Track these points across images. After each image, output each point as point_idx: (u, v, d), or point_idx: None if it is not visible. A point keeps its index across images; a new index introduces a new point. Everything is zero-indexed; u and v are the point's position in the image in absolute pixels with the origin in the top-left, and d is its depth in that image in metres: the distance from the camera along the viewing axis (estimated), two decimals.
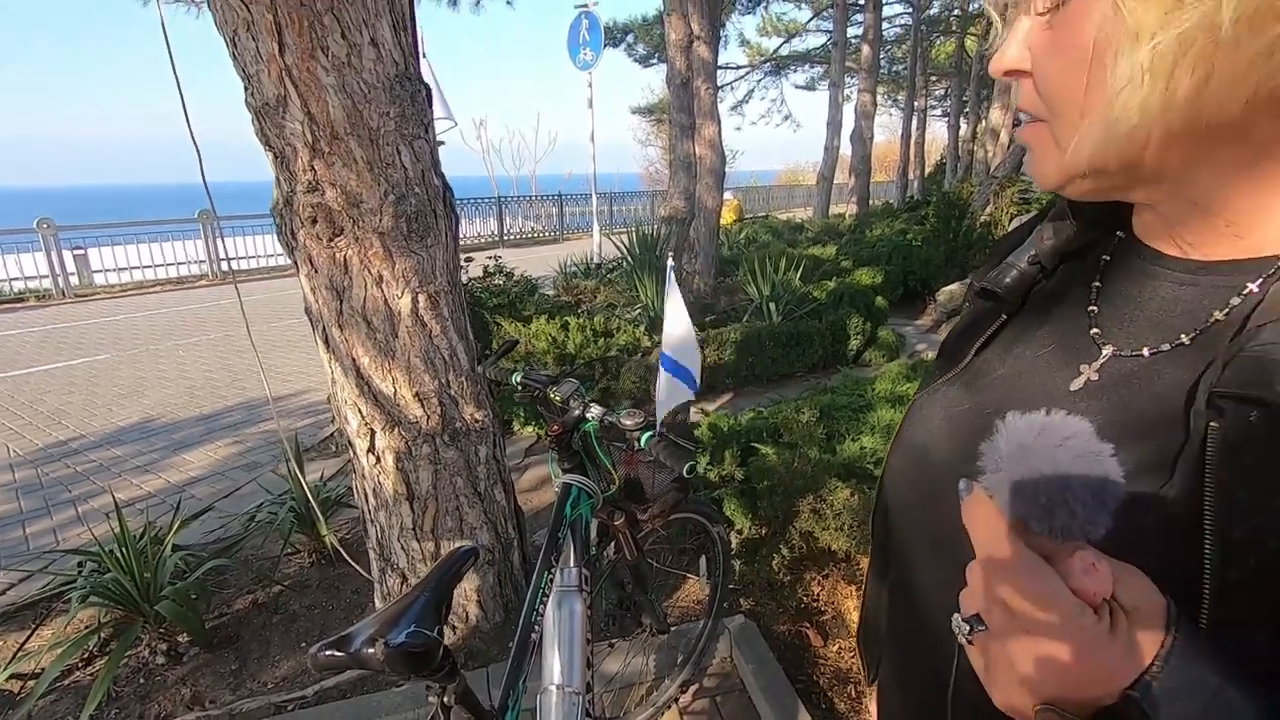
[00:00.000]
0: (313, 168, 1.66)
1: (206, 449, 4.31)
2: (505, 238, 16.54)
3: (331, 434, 4.27)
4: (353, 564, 2.36)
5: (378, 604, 2.30)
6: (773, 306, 5.79)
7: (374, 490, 2.08)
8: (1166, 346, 0.42)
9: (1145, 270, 0.46)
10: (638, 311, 6.00)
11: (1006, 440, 0.35)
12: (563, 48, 9.20)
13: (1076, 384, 0.46)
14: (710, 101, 6.77)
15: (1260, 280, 0.39)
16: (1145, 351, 0.43)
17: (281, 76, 1.56)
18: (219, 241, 11.84)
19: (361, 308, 1.82)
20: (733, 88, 22.03)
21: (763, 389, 4.85)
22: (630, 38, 17.04)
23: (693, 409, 3.61)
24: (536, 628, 1.18)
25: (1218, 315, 0.40)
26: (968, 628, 0.37)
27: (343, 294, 1.81)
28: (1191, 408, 0.38)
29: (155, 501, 3.52)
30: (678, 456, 1.19)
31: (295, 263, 1.83)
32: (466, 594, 2.20)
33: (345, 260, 1.77)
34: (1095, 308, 0.48)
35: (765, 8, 19.89)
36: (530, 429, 4.07)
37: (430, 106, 1.84)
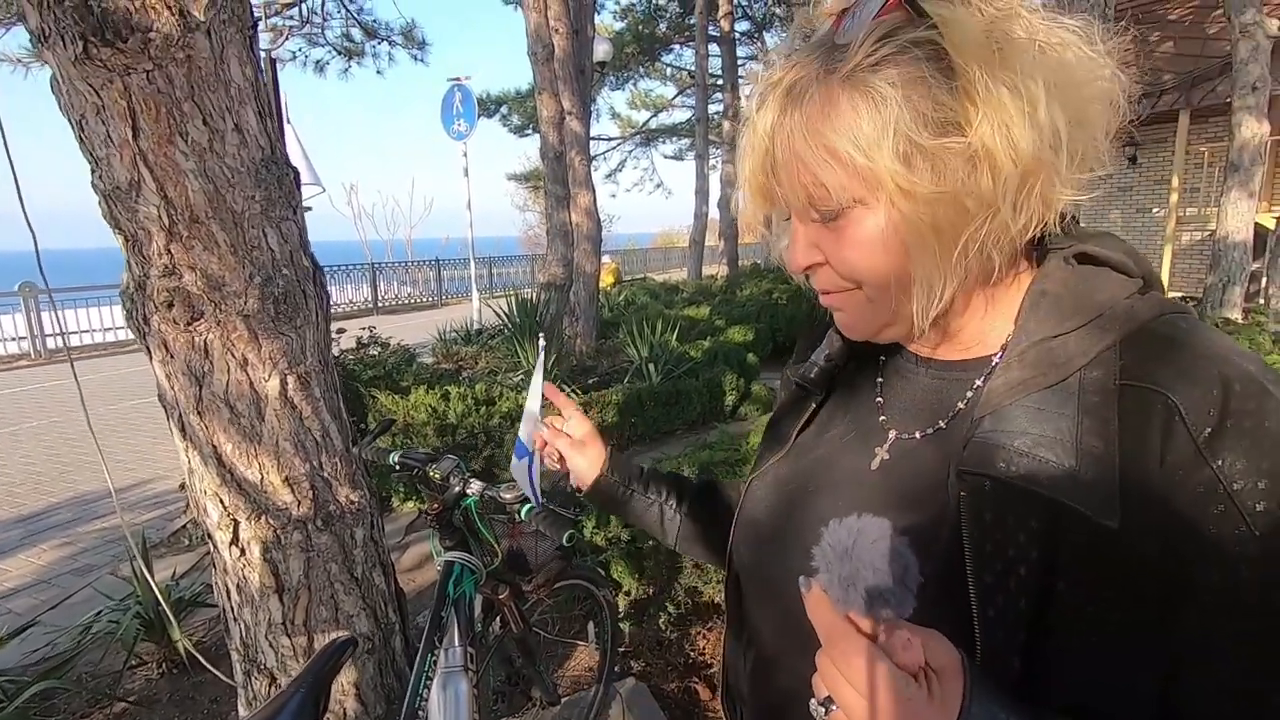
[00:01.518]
0: (169, 251, 1.61)
1: (28, 554, 3.78)
2: (380, 304, 16.01)
3: (183, 526, 3.90)
4: (212, 669, 2.16)
5: (242, 711, 2.11)
6: (652, 367, 5.99)
7: (238, 585, 1.94)
8: (930, 430, 0.54)
9: (908, 368, 0.59)
10: (520, 377, 6.00)
11: (831, 545, 0.44)
12: (437, 116, 9.30)
13: (875, 463, 0.56)
14: (584, 172, 7.07)
15: (982, 378, 0.52)
16: (917, 434, 0.55)
17: (135, 161, 1.52)
18: (51, 316, 10.59)
19: (224, 392, 1.74)
20: (606, 157, 23.01)
21: (646, 448, 4.97)
22: (504, 109, 17.46)
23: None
24: (420, 714, 1.16)
25: (960, 405, 0.53)
26: (823, 710, 0.42)
27: (202, 379, 1.73)
28: (948, 480, 0.49)
29: None
30: (558, 526, 1.24)
31: (147, 349, 1.74)
32: (344, 688, 2.07)
33: (206, 344, 1.70)
34: (881, 399, 0.60)
35: (634, 84, 21.15)
36: (411, 504, 3.92)
37: (299, 188, 1.84)
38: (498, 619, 1.54)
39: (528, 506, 1.28)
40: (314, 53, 10.98)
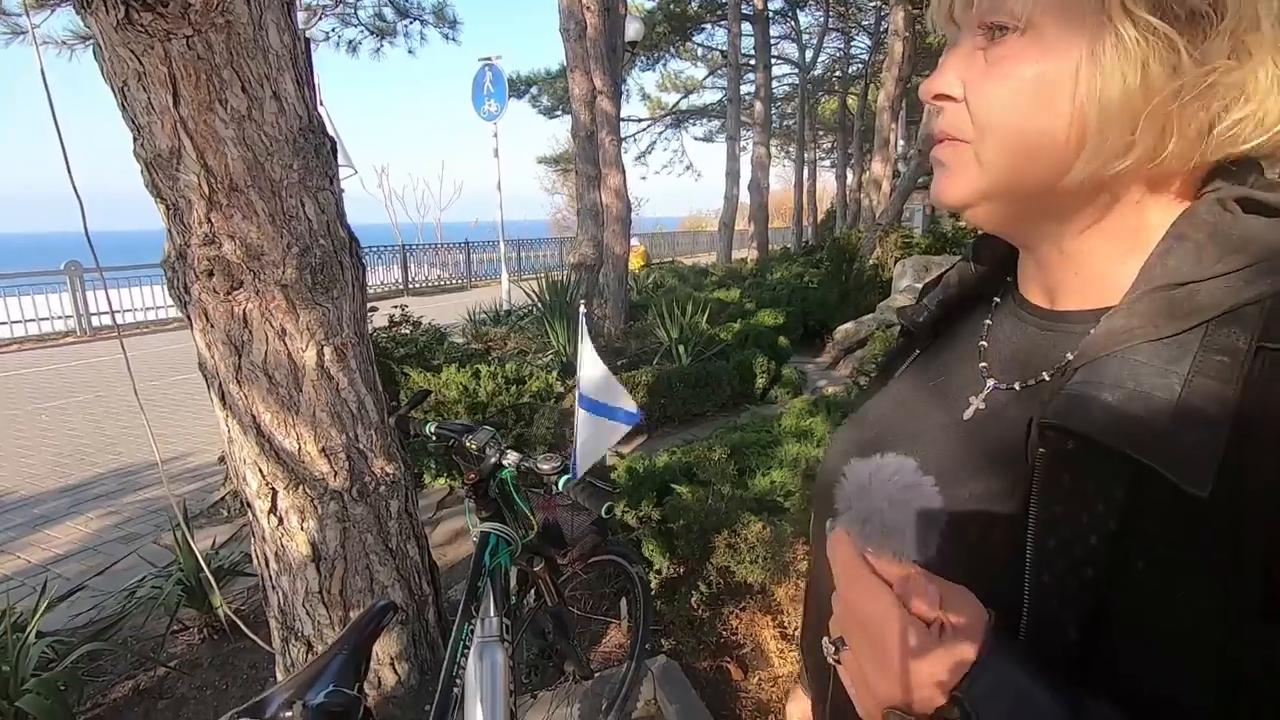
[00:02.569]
0: (209, 220, 1.61)
1: (74, 522, 3.90)
2: (410, 286, 16.17)
3: (222, 498, 3.98)
4: (252, 636, 2.20)
5: (279, 678, 2.15)
6: (681, 349, 5.95)
7: (276, 554, 1.97)
8: (1031, 382, 0.49)
9: (1019, 315, 0.53)
10: (549, 357, 6.01)
11: (849, 483, 0.42)
12: (467, 97, 9.29)
13: (969, 413, 0.51)
14: (615, 152, 7.00)
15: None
16: (1016, 385, 0.50)
17: (176, 128, 1.52)
18: (100, 294, 10.89)
19: (263, 362, 1.75)
20: (636, 139, 22.83)
21: (675, 430, 4.94)
22: (534, 90, 17.39)
23: (608, 452, 3.63)
24: (458, 682, 1.15)
25: (1069, 356, 0.46)
26: (834, 649, 0.41)
27: (242, 349, 1.74)
28: (1029, 437, 0.44)
29: (13, 585, 3.14)
30: (596, 498, 1.22)
31: (188, 317, 1.75)
32: (379, 657, 2.10)
33: (245, 314, 1.71)
34: (985, 343, 0.55)
35: (664, 65, 20.90)
36: (442, 481, 3.96)
37: (335, 158, 1.83)
38: (532, 591, 1.53)
39: (565, 477, 1.26)
40: (346, 32, 11.04)
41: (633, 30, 9.86)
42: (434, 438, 1.48)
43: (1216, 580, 0.36)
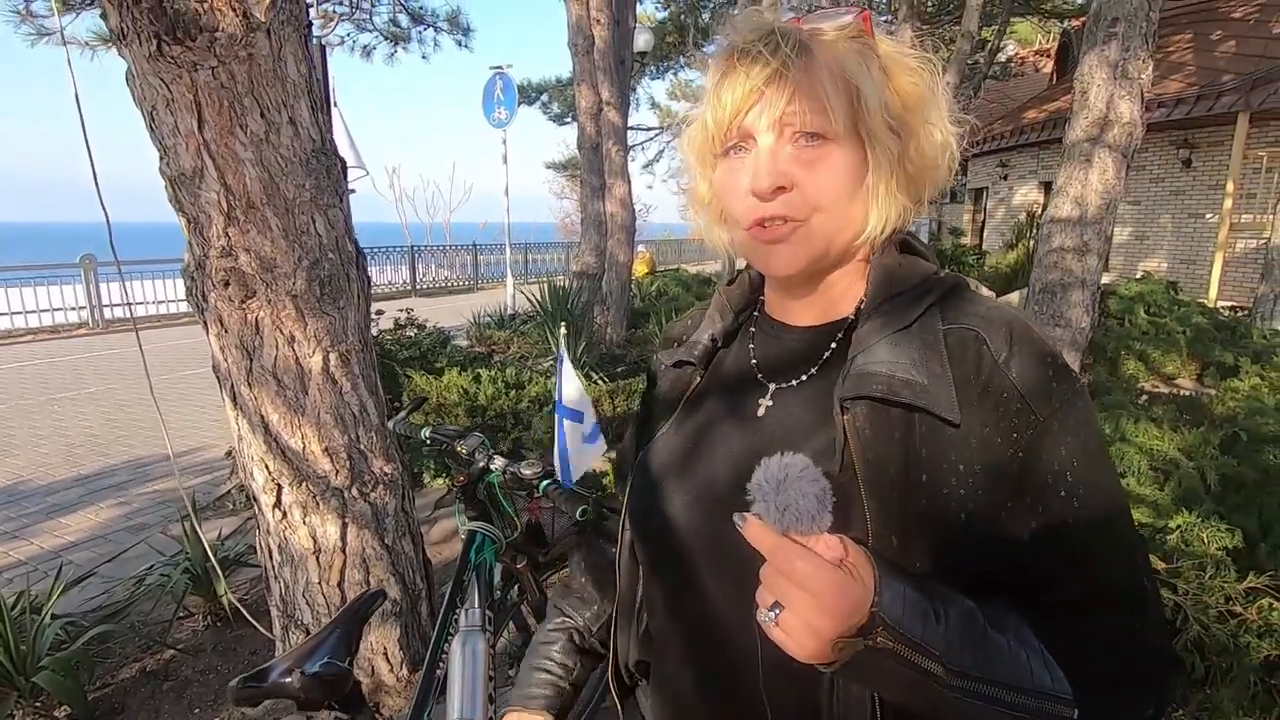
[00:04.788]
0: (227, 234, 1.74)
1: (86, 511, 4.04)
2: (418, 287, 16.34)
3: (228, 492, 4.12)
4: (254, 623, 2.33)
5: None
6: None
7: (279, 546, 2.09)
8: (804, 377, 0.67)
9: (777, 334, 0.72)
10: (550, 363, 6.14)
11: (766, 477, 0.52)
12: (478, 101, 9.46)
13: (760, 411, 0.68)
14: (621, 162, 7.13)
15: (841, 333, 0.66)
16: (794, 382, 0.67)
17: (200, 150, 1.66)
18: (115, 287, 11.08)
19: (272, 366, 1.88)
20: (644, 147, 22.97)
21: None
22: (545, 97, 17.57)
23: (602, 456, 3.75)
24: (442, 664, 1.27)
25: (825, 355, 0.66)
26: (772, 614, 0.50)
27: (253, 353, 1.87)
28: (832, 409, 0.60)
29: (28, 570, 3.28)
30: (573, 501, 1.34)
31: (204, 323, 1.88)
32: (373, 647, 2.22)
33: (257, 321, 1.84)
34: (755, 360, 0.72)
35: (675, 74, 21.06)
36: (440, 481, 4.08)
37: (345, 178, 1.96)
38: (515, 587, 1.65)
39: (546, 482, 1.38)
40: (361, 38, 11.24)
41: (642, 41, 10.02)
42: (429, 441, 1.60)
43: (968, 481, 0.56)
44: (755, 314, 0.76)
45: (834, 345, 0.66)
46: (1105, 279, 5.96)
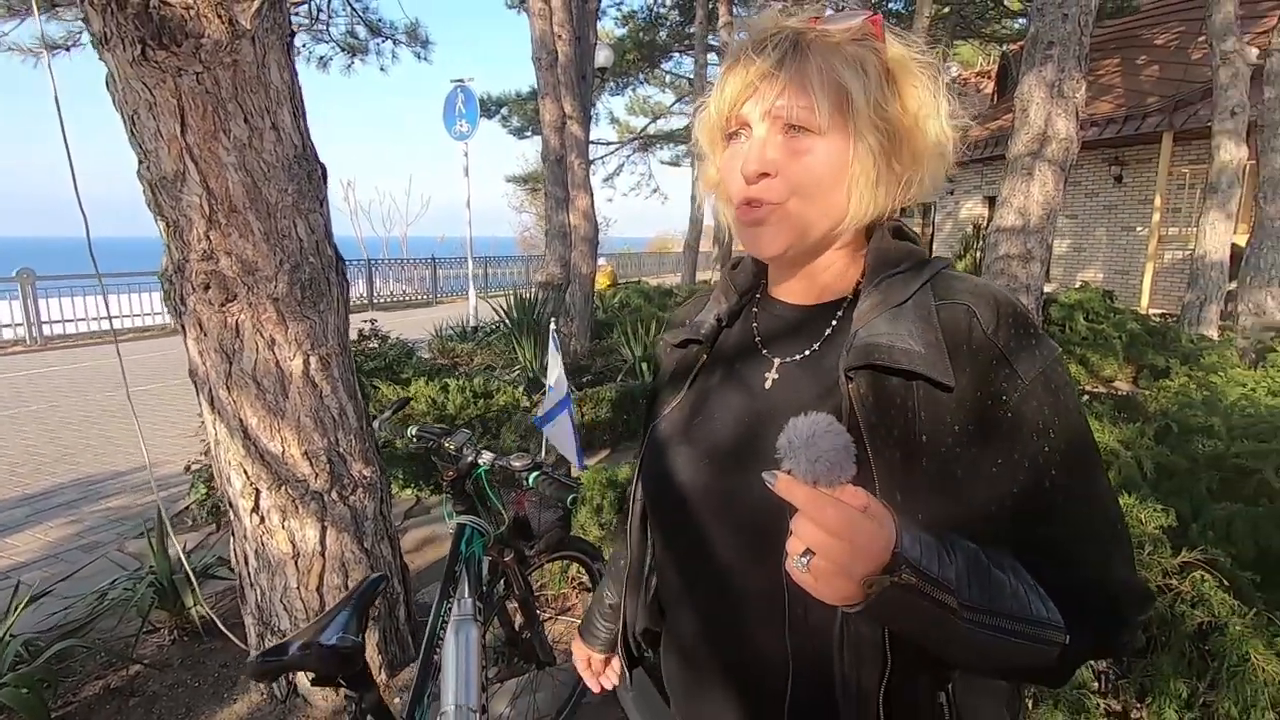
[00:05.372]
0: (208, 238, 1.75)
1: (35, 531, 3.88)
2: (375, 300, 16.10)
3: (187, 507, 4.02)
4: (228, 633, 2.29)
5: None
6: (645, 366, 6.14)
7: (256, 551, 2.08)
8: (807, 352, 0.73)
9: (780, 313, 0.77)
10: (516, 373, 6.14)
11: (795, 435, 0.57)
12: (436, 115, 9.44)
13: (767, 384, 0.74)
14: (583, 175, 7.22)
15: (840, 311, 0.72)
16: (797, 357, 0.73)
17: (182, 154, 1.67)
18: (51, 303, 10.61)
19: (252, 370, 1.88)
20: (604, 161, 23.17)
21: (636, 443, 5.10)
22: (505, 111, 17.60)
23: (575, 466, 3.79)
24: (438, 652, 1.30)
25: (827, 331, 0.72)
26: (804, 560, 0.53)
27: (233, 356, 1.87)
28: (838, 379, 0.66)
29: None
30: (561, 490, 1.39)
31: (182, 327, 1.88)
32: None
33: (237, 324, 1.85)
34: (759, 338, 0.78)
35: (633, 90, 21.35)
36: (410, 491, 4.05)
37: (325, 183, 1.99)
38: (502, 580, 1.68)
39: (535, 474, 1.43)
40: (318, 49, 11.11)
41: (602, 57, 10.17)
42: (415, 440, 1.64)
43: (963, 440, 0.62)
44: (758, 295, 0.82)
45: (835, 322, 0.72)
46: (1047, 288, 6.29)
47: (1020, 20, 14.42)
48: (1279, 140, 6.84)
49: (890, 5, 14.13)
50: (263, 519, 2.02)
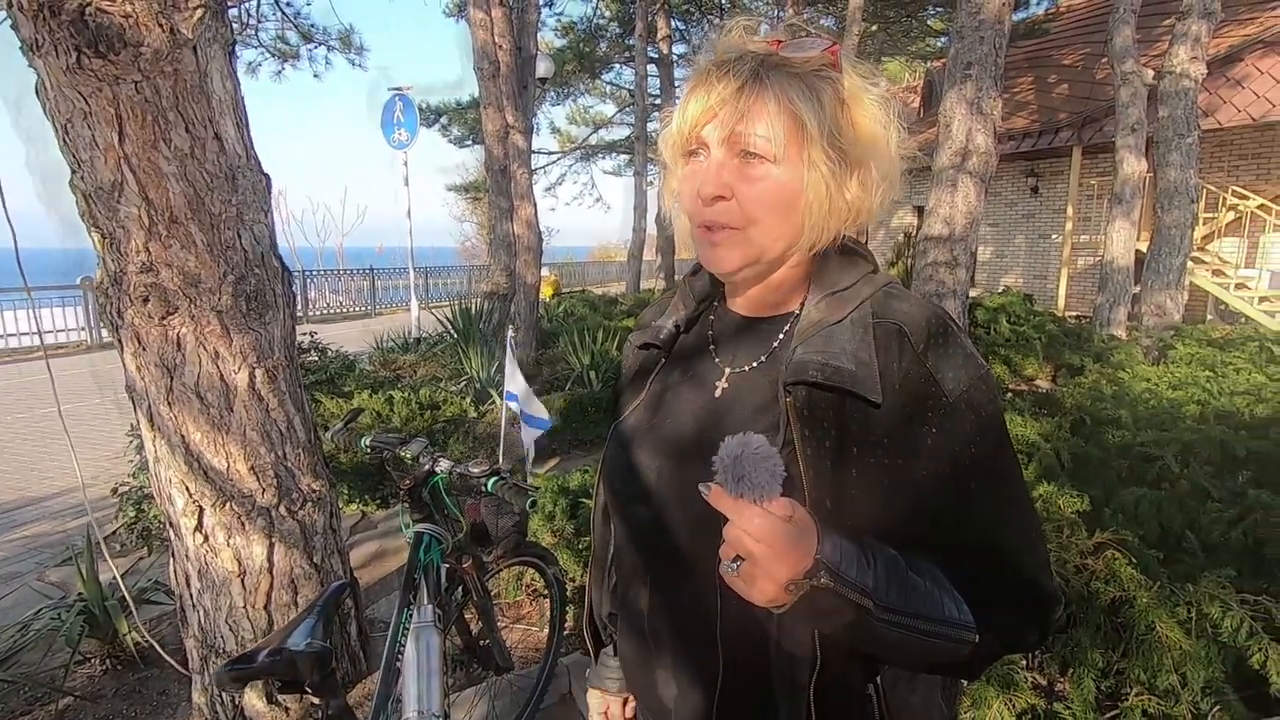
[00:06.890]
0: (148, 249, 1.71)
1: None
2: (310, 313, 15.59)
3: (114, 531, 3.82)
4: (168, 659, 2.21)
5: (196, 698, 2.16)
6: (593, 375, 6.18)
7: (199, 572, 2.02)
8: (756, 364, 0.77)
9: (734, 323, 0.81)
10: (463, 383, 6.08)
11: (726, 454, 0.62)
12: (369, 120, 9.26)
13: (718, 392, 0.78)
14: (526, 185, 7.22)
15: (788, 325, 0.76)
16: (746, 368, 0.78)
17: (120, 164, 1.63)
18: (30, 313, 9.87)
19: (195, 384, 1.84)
20: (546, 171, 23.11)
21: (586, 452, 5.14)
22: (444, 119, 17.37)
23: (530, 474, 3.80)
24: (400, 659, 1.31)
25: (774, 344, 0.76)
26: (734, 566, 0.59)
27: (174, 371, 1.82)
28: (778, 392, 0.70)
29: None
30: (520, 495, 1.42)
31: (119, 341, 1.82)
32: None
33: (179, 338, 1.80)
34: (713, 345, 0.83)
35: (574, 100, 21.40)
36: (354, 507, 3.97)
37: (270, 194, 1.96)
38: (460, 588, 1.69)
39: (494, 479, 1.45)
40: (246, 54, 10.76)
41: (543, 68, 10.18)
42: (370, 450, 1.63)
43: (891, 453, 0.66)
44: (716, 304, 0.85)
45: (781, 336, 0.76)
46: (972, 293, 6.64)
47: (943, 39, 15.20)
48: (1173, 155, 7.42)
49: (822, 22, 14.65)
50: (206, 537, 1.96)
